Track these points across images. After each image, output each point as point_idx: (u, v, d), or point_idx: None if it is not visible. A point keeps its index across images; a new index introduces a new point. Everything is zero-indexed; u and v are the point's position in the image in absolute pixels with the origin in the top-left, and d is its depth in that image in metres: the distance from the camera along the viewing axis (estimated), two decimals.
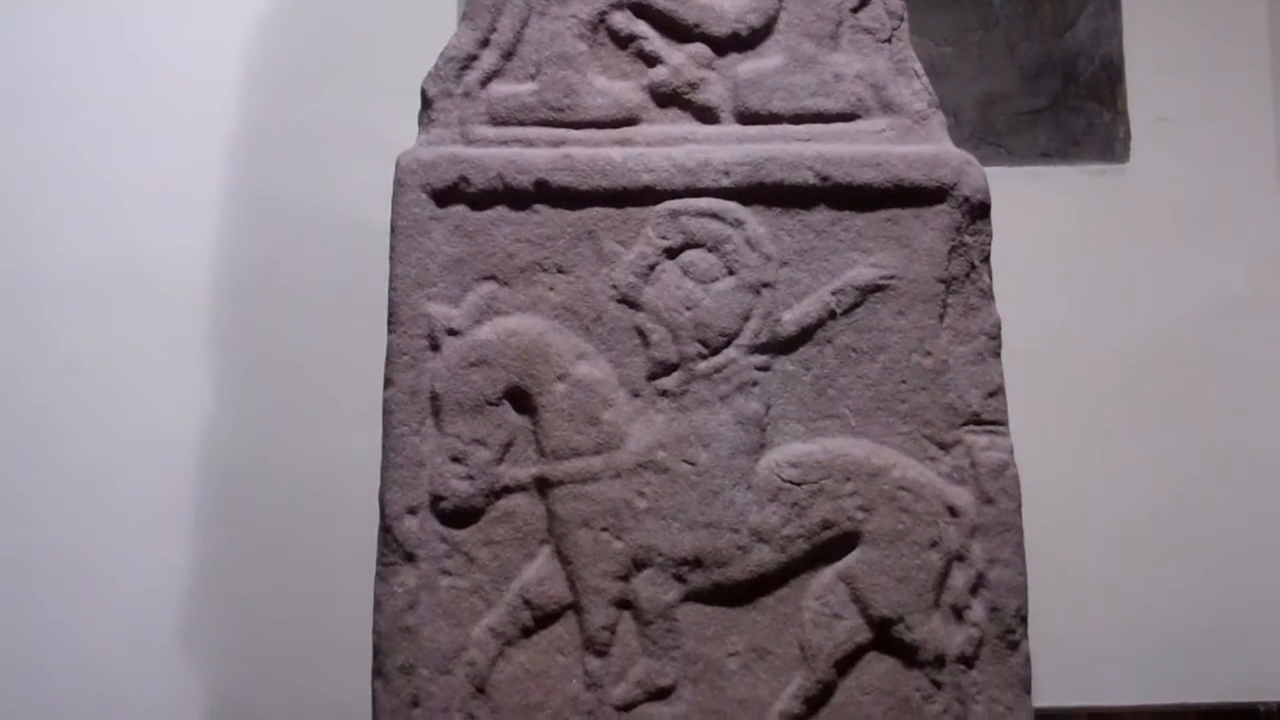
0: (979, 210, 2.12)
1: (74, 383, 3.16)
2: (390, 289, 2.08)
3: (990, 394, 2.10)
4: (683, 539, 2.03)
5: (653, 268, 2.08)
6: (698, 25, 2.16)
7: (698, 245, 2.08)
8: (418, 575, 2.02)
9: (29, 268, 3.18)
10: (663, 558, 2.03)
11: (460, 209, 2.09)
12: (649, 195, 2.09)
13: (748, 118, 2.15)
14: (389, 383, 2.07)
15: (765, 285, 2.08)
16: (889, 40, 2.19)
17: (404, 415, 2.05)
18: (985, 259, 2.13)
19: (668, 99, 2.16)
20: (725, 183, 2.09)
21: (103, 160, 3.21)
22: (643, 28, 2.17)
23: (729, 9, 2.17)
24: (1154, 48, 3.47)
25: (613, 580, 2.03)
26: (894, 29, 2.19)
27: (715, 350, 2.06)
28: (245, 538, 3.13)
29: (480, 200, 2.09)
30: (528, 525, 2.05)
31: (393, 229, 2.09)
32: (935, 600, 2.04)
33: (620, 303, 2.08)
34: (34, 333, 3.17)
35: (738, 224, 2.09)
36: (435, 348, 2.06)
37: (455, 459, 2.04)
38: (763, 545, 2.03)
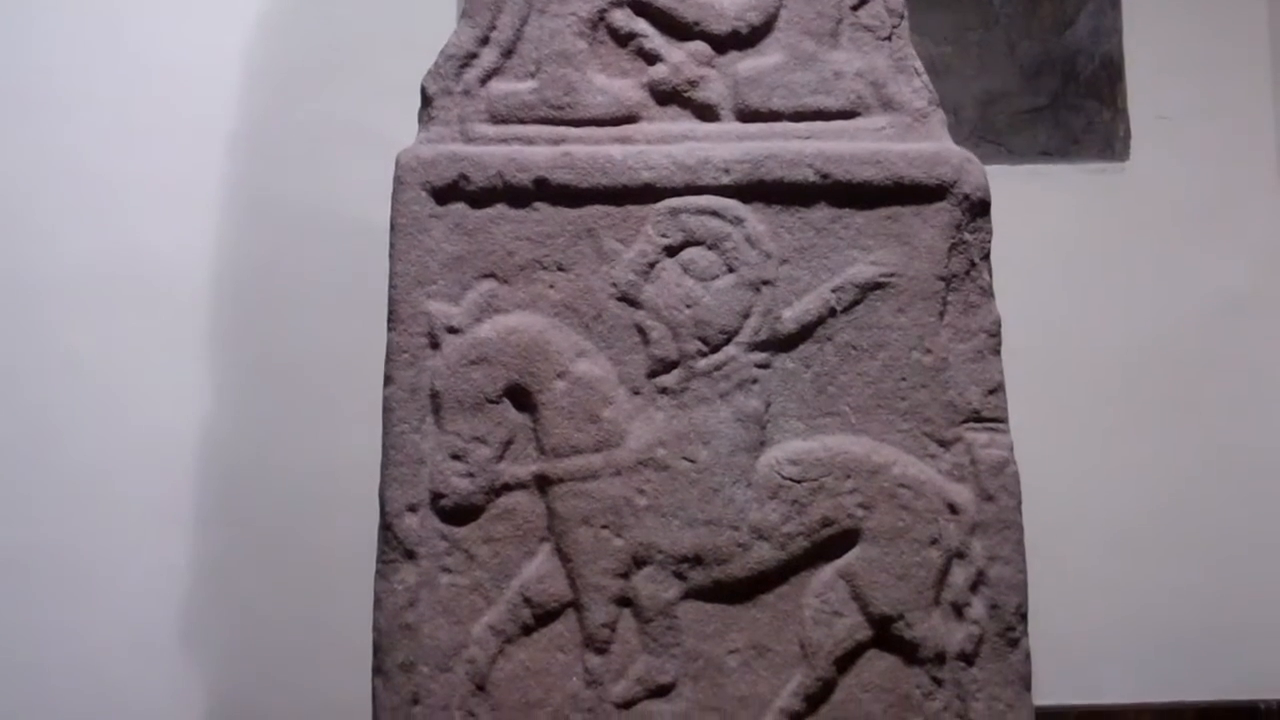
0: (979, 208, 2.12)
1: (74, 383, 3.16)
2: (390, 287, 2.08)
3: (990, 391, 2.09)
4: (683, 536, 2.03)
5: (653, 265, 2.08)
6: (698, 23, 2.16)
7: (698, 243, 2.08)
8: (418, 573, 2.02)
9: (29, 268, 3.17)
10: (663, 555, 2.03)
11: (460, 207, 2.09)
12: (649, 193, 2.08)
13: (748, 115, 2.15)
14: (389, 380, 2.07)
15: (765, 283, 2.07)
16: (889, 38, 2.19)
17: (404, 413, 2.05)
18: (985, 256, 2.13)
19: (668, 97, 2.16)
20: (725, 180, 2.09)
21: (103, 160, 3.20)
22: (643, 25, 2.17)
23: (729, 7, 2.16)
24: (1154, 46, 3.46)
25: (613, 578, 2.02)
26: (894, 27, 2.19)
27: (715, 348, 2.06)
28: (245, 538, 3.13)
29: (480, 198, 2.09)
30: (528, 523, 2.04)
31: (392, 227, 2.09)
32: (935, 597, 2.04)
33: (620, 300, 2.08)
34: (34, 333, 3.17)
35: (738, 221, 2.09)
36: (435, 345, 2.06)
37: (455, 456, 2.04)
38: (763, 543, 2.03)
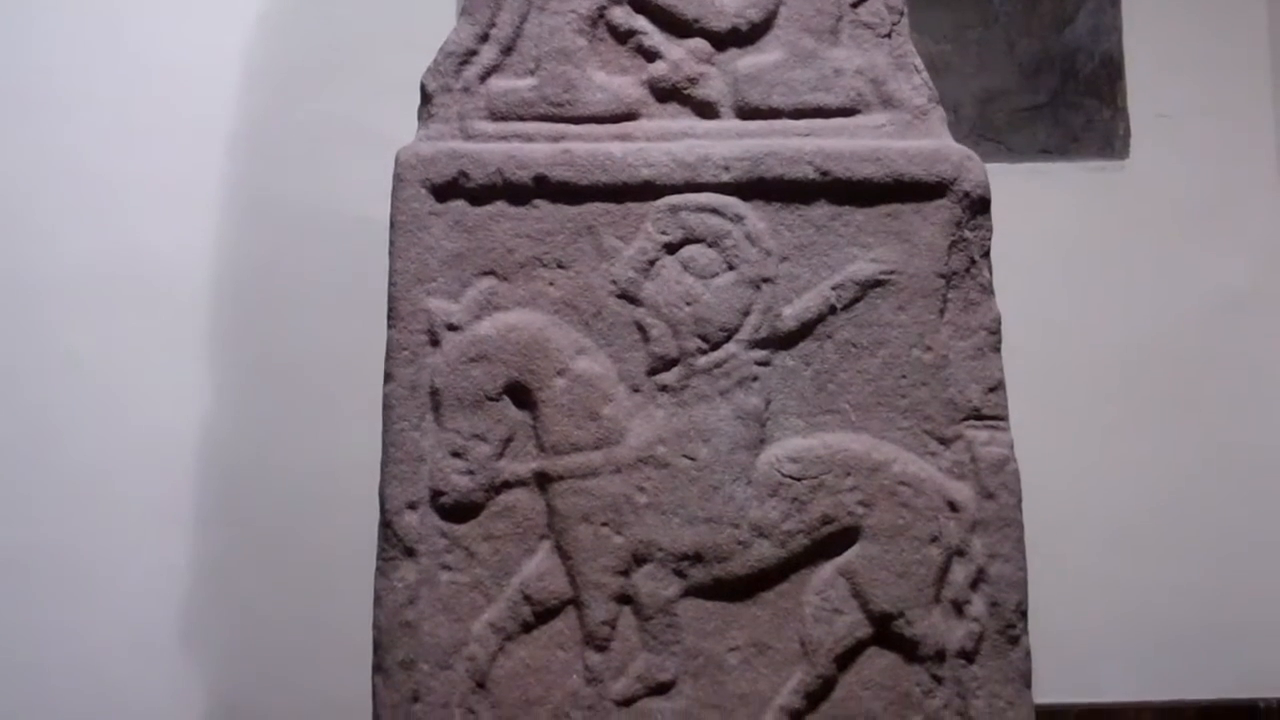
0: (979, 205, 2.11)
1: (74, 383, 3.16)
2: (390, 284, 2.08)
3: (990, 389, 2.09)
4: (683, 534, 2.03)
5: (652, 263, 2.08)
6: (697, 20, 2.16)
7: (697, 240, 2.08)
8: (418, 570, 2.02)
9: (29, 268, 3.17)
10: (663, 553, 2.03)
11: (460, 204, 2.09)
12: (649, 190, 2.08)
13: (747, 113, 2.15)
14: (389, 378, 2.07)
15: (765, 280, 2.07)
16: (889, 35, 2.18)
17: (404, 410, 2.05)
18: (985, 254, 2.13)
19: (667, 94, 2.16)
20: (725, 178, 2.08)
21: (103, 160, 3.20)
22: (642, 23, 2.17)
23: (729, 4, 2.16)
24: (1154, 44, 3.46)
25: (613, 575, 2.02)
26: (894, 24, 2.19)
27: (715, 345, 2.06)
28: (245, 538, 3.13)
29: (480, 195, 2.09)
30: (528, 520, 2.04)
31: (392, 224, 2.09)
32: (935, 595, 2.04)
33: (620, 298, 2.08)
34: (34, 333, 3.17)
35: (738, 219, 2.09)
36: (435, 343, 2.06)
37: (455, 454, 2.03)
38: (763, 540, 2.03)
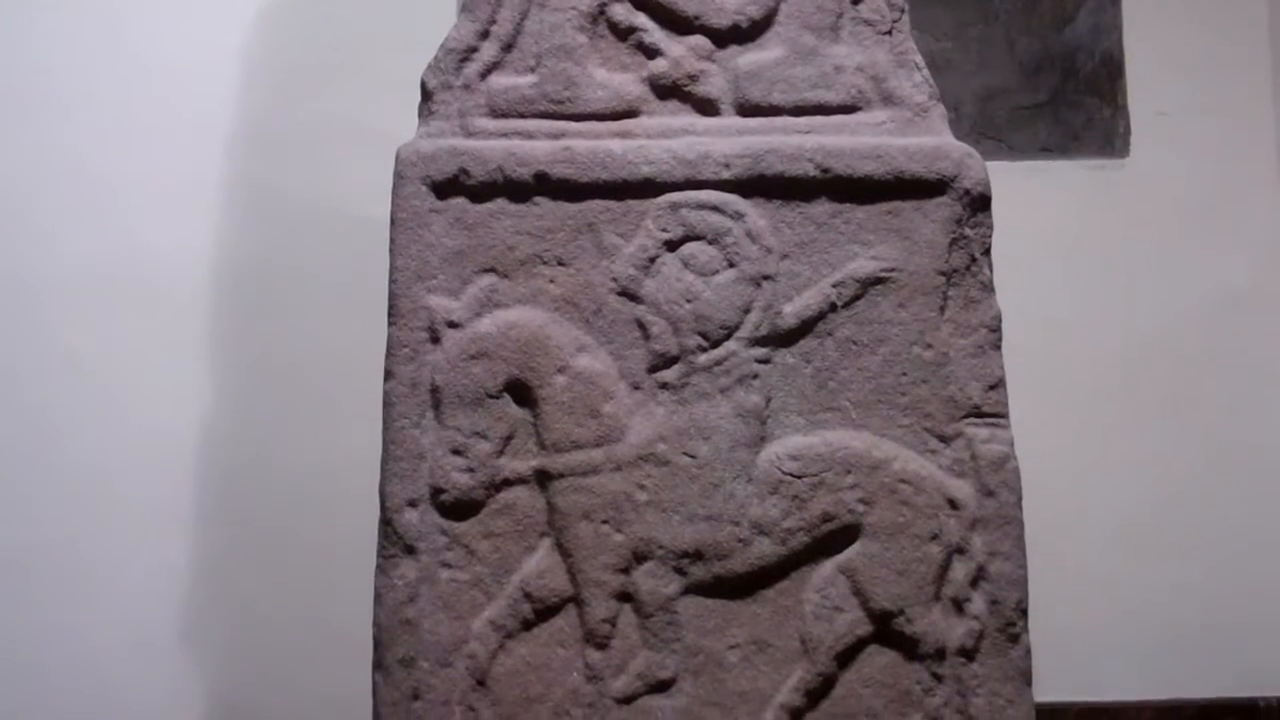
0: (980, 203, 2.11)
1: (74, 383, 3.15)
2: (390, 281, 2.08)
3: (991, 387, 2.09)
4: (683, 532, 2.03)
5: (653, 260, 2.08)
6: (698, 17, 2.16)
7: (698, 238, 2.08)
8: (418, 568, 2.02)
9: (29, 268, 3.17)
10: (663, 550, 2.03)
11: (460, 201, 2.09)
12: (649, 188, 2.08)
13: (748, 110, 2.15)
14: (389, 375, 2.06)
15: (766, 278, 2.07)
16: (889, 32, 2.18)
17: (404, 408, 2.05)
18: (986, 251, 2.13)
19: (668, 91, 2.16)
20: (725, 175, 2.08)
21: (103, 160, 3.20)
22: (643, 20, 2.16)
23: (729, 1, 2.16)
24: (1154, 43, 3.46)
25: (613, 573, 2.02)
26: (895, 21, 2.18)
27: (716, 343, 2.06)
28: (245, 537, 3.13)
29: (480, 193, 2.09)
30: (528, 518, 2.04)
31: (392, 221, 2.09)
32: (936, 593, 2.04)
33: (620, 295, 2.07)
34: (34, 333, 3.17)
35: (738, 216, 2.08)
36: (435, 340, 2.06)
37: (455, 451, 2.03)
38: (763, 538, 2.03)
